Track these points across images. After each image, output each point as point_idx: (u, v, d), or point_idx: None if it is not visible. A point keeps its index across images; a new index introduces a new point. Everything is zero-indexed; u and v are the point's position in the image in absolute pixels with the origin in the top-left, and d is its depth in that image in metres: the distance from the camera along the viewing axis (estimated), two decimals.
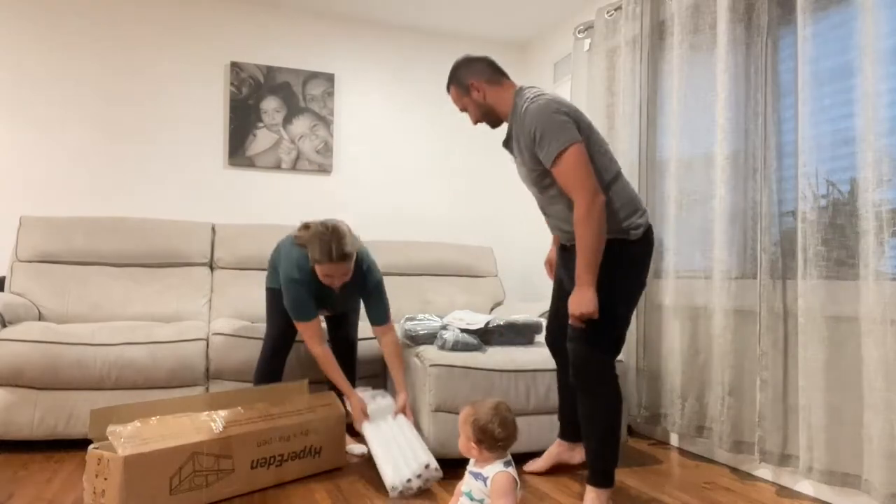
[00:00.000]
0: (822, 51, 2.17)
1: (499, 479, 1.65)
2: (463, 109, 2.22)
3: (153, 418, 2.00)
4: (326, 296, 2.54)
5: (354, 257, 2.43)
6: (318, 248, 2.35)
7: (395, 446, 2.30)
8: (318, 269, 2.40)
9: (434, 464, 2.20)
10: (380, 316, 2.59)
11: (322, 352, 2.48)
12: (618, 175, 2.06)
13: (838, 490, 2.17)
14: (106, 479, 1.84)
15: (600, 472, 2.04)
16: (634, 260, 2.04)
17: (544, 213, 2.20)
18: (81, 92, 3.60)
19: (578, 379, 2.05)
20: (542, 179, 2.07)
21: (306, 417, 2.30)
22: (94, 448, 1.91)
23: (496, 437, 1.67)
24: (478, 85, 2.13)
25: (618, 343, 2.08)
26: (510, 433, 1.69)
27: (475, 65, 2.15)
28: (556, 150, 1.93)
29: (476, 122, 2.21)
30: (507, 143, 2.19)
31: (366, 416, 2.41)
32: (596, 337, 1.99)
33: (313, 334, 2.48)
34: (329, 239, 2.35)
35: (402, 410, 2.45)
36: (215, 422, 2.09)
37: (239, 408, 2.20)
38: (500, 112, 2.15)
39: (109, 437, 1.87)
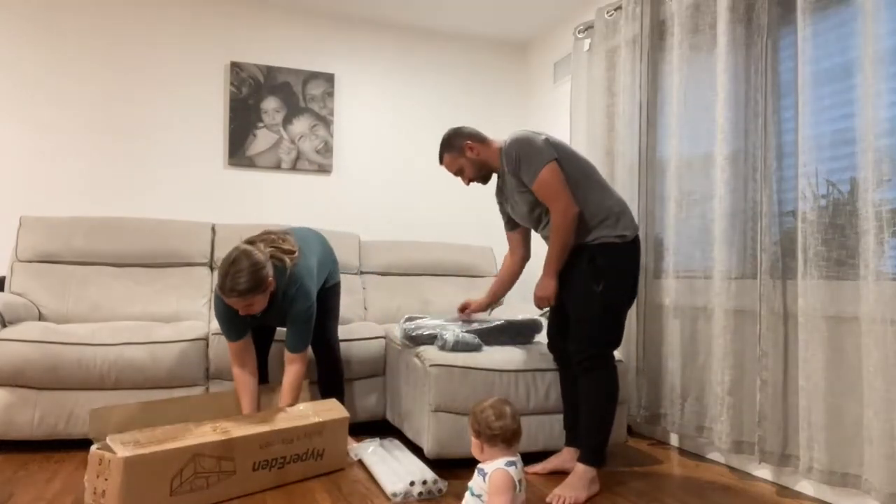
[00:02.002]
0: (822, 51, 2.17)
1: (495, 476, 1.64)
2: (457, 172, 2.45)
3: (156, 429, 1.99)
4: (252, 317, 2.43)
5: (259, 291, 2.23)
6: (218, 276, 2.23)
7: (397, 464, 2.30)
8: None
9: (439, 479, 2.17)
10: (292, 345, 2.45)
11: (235, 374, 2.44)
12: (609, 187, 2.34)
13: (838, 490, 2.17)
14: (106, 479, 1.84)
15: (589, 449, 2.22)
16: (626, 260, 2.27)
17: (545, 238, 2.42)
18: (81, 92, 3.61)
19: (580, 366, 2.26)
20: (534, 209, 2.34)
21: (311, 420, 2.28)
22: (97, 448, 1.90)
23: (491, 426, 1.67)
24: (471, 145, 2.41)
25: (615, 336, 2.29)
26: (506, 424, 1.67)
27: (464, 130, 2.45)
28: (536, 169, 2.22)
29: (470, 180, 2.46)
30: (500, 193, 2.48)
31: None
32: (594, 330, 2.23)
33: (232, 353, 2.44)
34: (226, 271, 2.20)
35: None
36: (216, 429, 2.07)
37: (239, 417, 2.19)
38: (492, 165, 2.42)
39: (109, 443, 1.87)
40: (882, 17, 1.94)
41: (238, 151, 3.86)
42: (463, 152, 2.41)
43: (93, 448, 1.91)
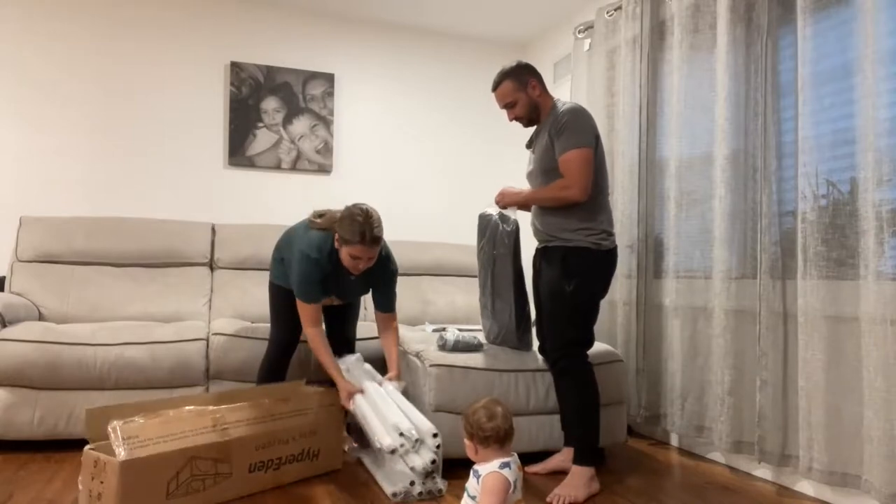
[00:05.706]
0: (822, 51, 2.17)
1: (488, 479, 1.65)
2: (508, 105, 2.40)
3: (156, 414, 1.98)
4: (340, 281, 2.51)
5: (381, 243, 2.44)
6: (349, 228, 2.33)
7: (390, 413, 2.21)
8: (346, 251, 2.36)
9: (439, 478, 2.15)
10: (389, 304, 2.61)
11: (314, 332, 2.46)
12: (608, 208, 2.36)
13: (838, 490, 2.17)
14: (102, 482, 1.83)
15: (581, 451, 2.25)
16: (601, 267, 2.32)
17: (534, 211, 2.43)
18: (81, 92, 3.60)
19: (556, 367, 2.33)
20: (546, 173, 2.32)
21: (305, 420, 2.28)
22: (91, 449, 1.89)
23: (483, 427, 1.67)
24: (535, 84, 2.38)
25: (587, 337, 2.35)
26: (498, 424, 1.67)
27: (532, 67, 2.42)
28: (573, 144, 2.22)
29: (515, 117, 2.42)
30: (531, 144, 2.47)
31: (351, 396, 2.36)
32: (566, 330, 2.29)
33: (311, 315, 2.46)
34: (363, 221, 2.34)
35: (392, 379, 2.45)
36: (215, 424, 2.07)
37: (239, 408, 2.17)
38: (540, 112, 2.40)
39: (110, 434, 1.85)
40: (882, 17, 1.94)
41: (238, 151, 3.86)
42: (525, 87, 2.37)
43: (87, 449, 1.89)
